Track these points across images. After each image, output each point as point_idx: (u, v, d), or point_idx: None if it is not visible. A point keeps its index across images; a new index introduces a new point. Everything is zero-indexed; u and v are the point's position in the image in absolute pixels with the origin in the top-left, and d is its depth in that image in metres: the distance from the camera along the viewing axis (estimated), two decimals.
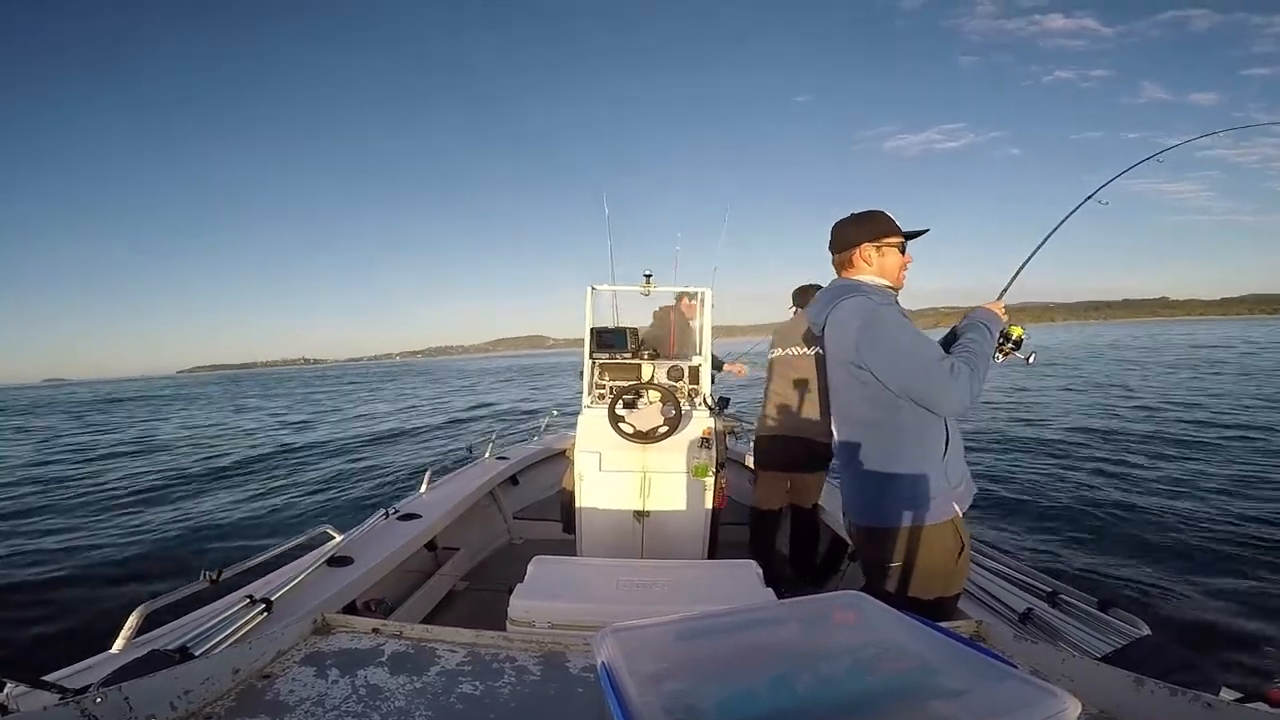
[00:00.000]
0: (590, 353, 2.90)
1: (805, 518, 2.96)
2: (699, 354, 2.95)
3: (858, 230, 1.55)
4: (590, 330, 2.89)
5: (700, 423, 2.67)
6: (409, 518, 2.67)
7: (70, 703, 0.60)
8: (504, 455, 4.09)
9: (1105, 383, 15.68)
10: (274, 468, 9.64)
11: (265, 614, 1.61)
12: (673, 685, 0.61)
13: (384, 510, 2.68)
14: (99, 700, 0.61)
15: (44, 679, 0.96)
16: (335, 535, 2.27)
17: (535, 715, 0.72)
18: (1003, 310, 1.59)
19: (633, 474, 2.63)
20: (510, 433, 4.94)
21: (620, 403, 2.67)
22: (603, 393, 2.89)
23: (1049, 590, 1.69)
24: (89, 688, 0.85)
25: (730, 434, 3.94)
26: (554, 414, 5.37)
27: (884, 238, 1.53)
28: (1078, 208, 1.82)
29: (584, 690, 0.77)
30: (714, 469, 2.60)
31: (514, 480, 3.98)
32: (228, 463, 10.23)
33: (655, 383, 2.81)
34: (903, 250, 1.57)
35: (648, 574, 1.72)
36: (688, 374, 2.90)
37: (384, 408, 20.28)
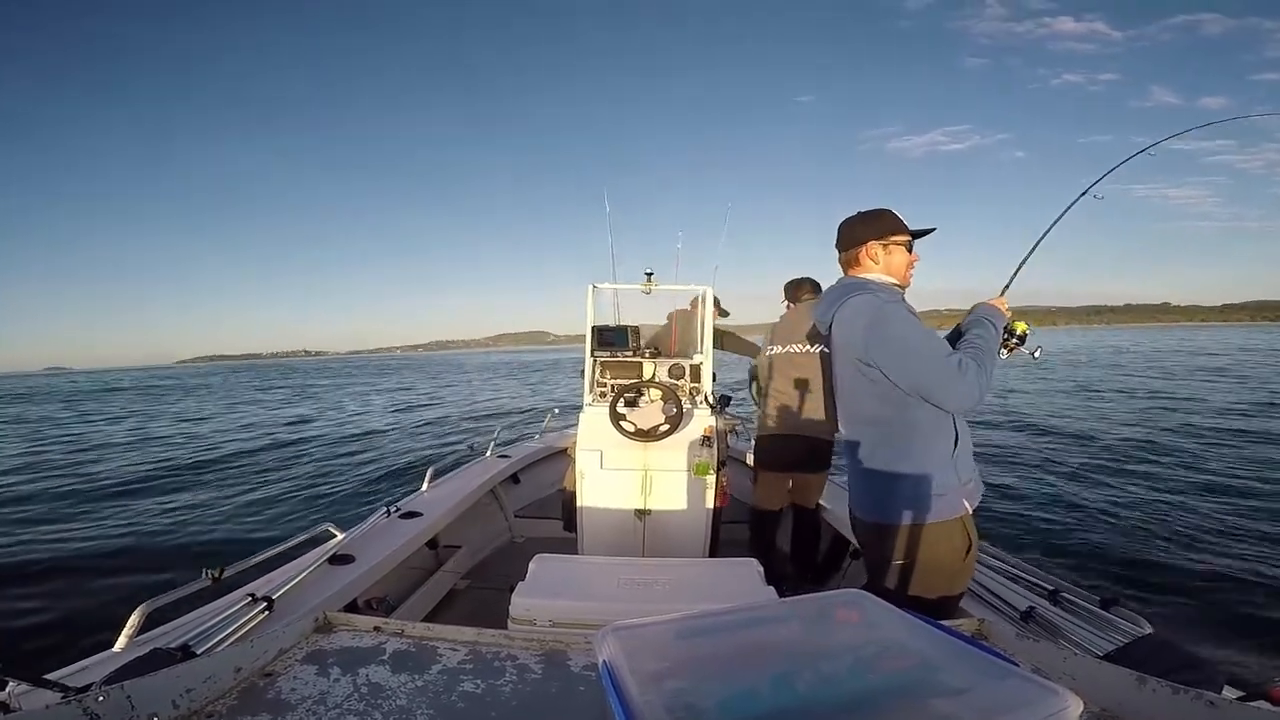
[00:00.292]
0: (591, 350, 2.89)
1: (807, 517, 2.95)
2: (700, 352, 2.94)
3: (865, 228, 1.55)
4: (592, 328, 2.88)
5: (701, 421, 2.67)
6: (410, 516, 2.67)
7: (72, 701, 0.60)
8: (505, 453, 4.09)
9: (1105, 383, 15.67)
10: (274, 464, 9.64)
11: (267, 612, 1.61)
12: (674, 684, 0.61)
13: (385, 508, 2.68)
14: (101, 699, 0.61)
15: (46, 677, 0.96)
16: (337, 533, 2.26)
17: (537, 714, 0.72)
18: (1006, 306, 1.60)
19: (634, 472, 2.63)
20: (512, 430, 4.94)
21: (621, 401, 2.67)
22: (604, 391, 2.89)
23: (1051, 588, 1.69)
24: (91, 686, 0.85)
25: (731, 432, 3.94)
26: (555, 412, 5.37)
27: (891, 236, 1.53)
28: (1074, 202, 1.86)
29: (585, 689, 0.77)
30: (715, 467, 2.60)
31: (515, 478, 3.98)
32: (227, 460, 10.24)
33: (656, 381, 2.81)
34: (909, 249, 1.57)
35: (649, 572, 1.72)
36: (689, 372, 2.90)
37: (380, 401, 20.26)
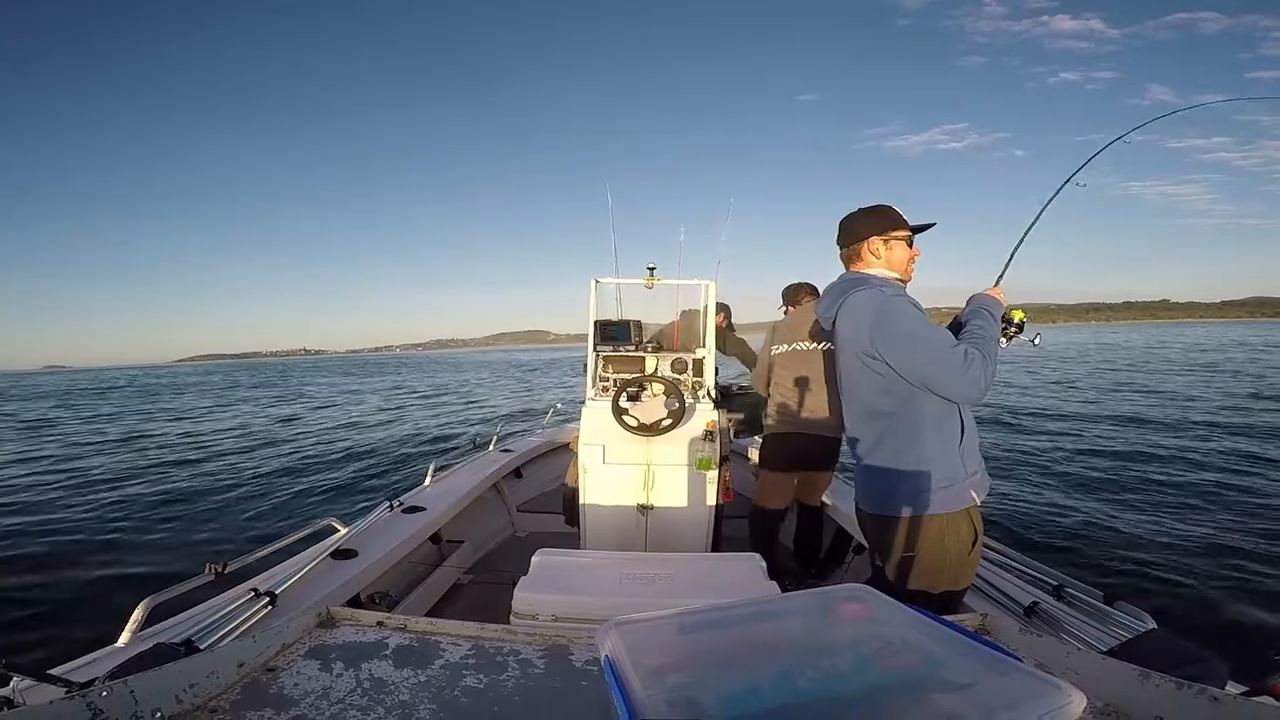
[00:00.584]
0: (594, 345, 2.89)
1: (811, 513, 2.94)
2: (703, 347, 2.94)
3: (865, 224, 1.56)
4: (594, 323, 2.88)
5: (704, 416, 2.66)
6: (413, 510, 2.67)
7: (76, 696, 0.60)
8: (508, 448, 4.09)
9: (1104, 377, 15.62)
10: (274, 462, 9.66)
11: (270, 607, 1.62)
12: (676, 679, 0.61)
13: (388, 503, 2.68)
14: (105, 694, 0.61)
15: (49, 672, 0.96)
16: (339, 528, 2.27)
17: (539, 708, 0.72)
18: (1001, 295, 1.62)
19: (636, 467, 2.63)
20: (514, 425, 4.95)
21: (624, 395, 2.67)
22: (606, 385, 2.89)
23: (1054, 583, 1.68)
24: (95, 681, 0.85)
25: (734, 427, 3.93)
26: (557, 406, 5.37)
27: (891, 231, 1.55)
28: (1058, 191, 1.91)
29: (588, 683, 0.77)
30: (717, 462, 2.60)
31: (518, 473, 3.98)
32: (228, 456, 10.27)
33: (659, 376, 2.81)
34: (910, 243, 1.58)
35: (651, 567, 1.72)
36: (691, 366, 2.89)
37: (375, 400, 20.30)
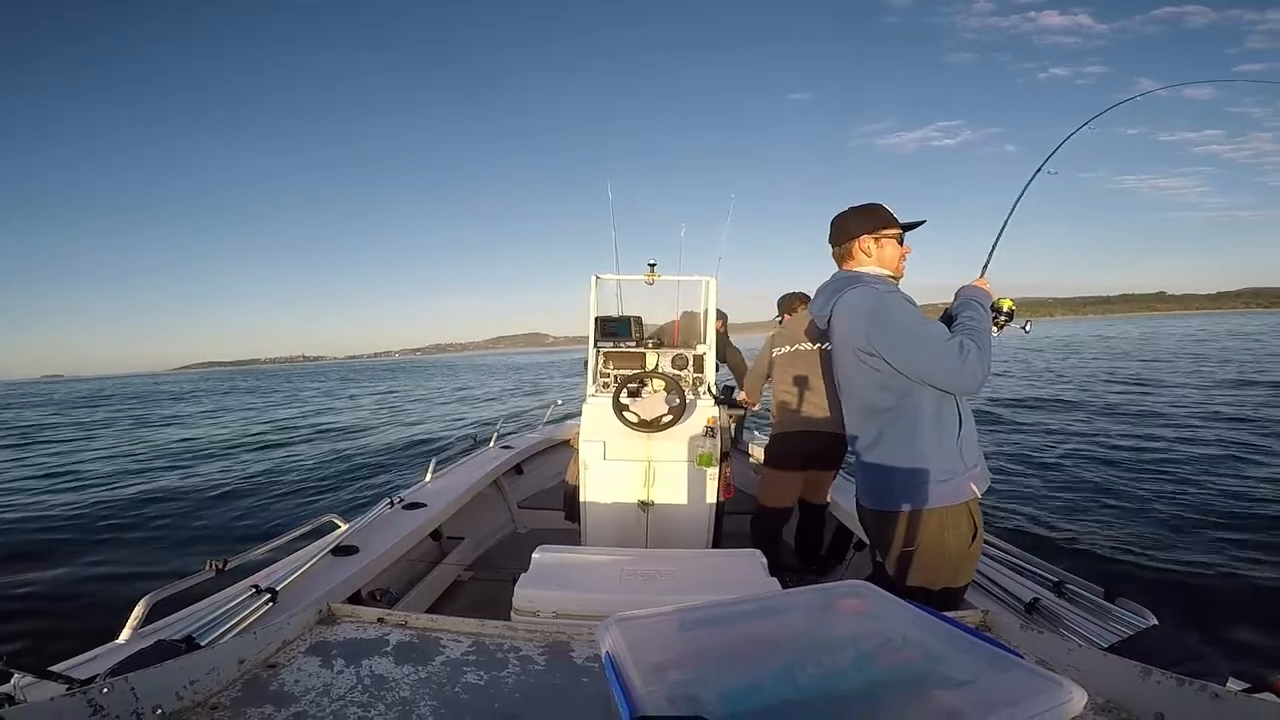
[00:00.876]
0: (594, 342, 2.89)
1: (814, 510, 2.94)
2: (703, 343, 2.93)
3: (856, 223, 1.58)
4: (595, 319, 2.87)
5: (704, 412, 2.66)
6: (414, 507, 2.68)
7: (77, 693, 0.61)
8: (508, 444, 4.09)
9: (1102, 368, 15.60)
10: (273, 462, 9.68)
11: (270, 604, 1.62)
12: (677, 675, 0.61)
13: (389, 499, 2.68)
14: (106, 690, 0.61)
15: (51, 669, 0.96)
16: (340, 524, 2.27)
17: (539, 705, 0.72)
18: (988, 285, 1.64)
19: (637, 463, 2.63)
20: (514, 422, 4.94)
21: (625, 391, 2.67)
22: (607, 381, 2.88)
23: (1055, 579, 1.68)
24: (96, 678, 0.85)
25: (735, 424, 3.93)
26: (558, 403, 5.37)
27: (882, 229, 1.57)
28: (1031, 179, 1.99)
29: (588, 680, 0.77)
30: (718, 459, 2.59)
31: (518, 469, 3.99)
32: (227, 456, 10.29)
33: (659, 371, 2.81)
34: (901, 241, 1.60)
35: (652, 564, 1.72)
36: (692, 362, 2.89)
37: (369, 402, 20.30)
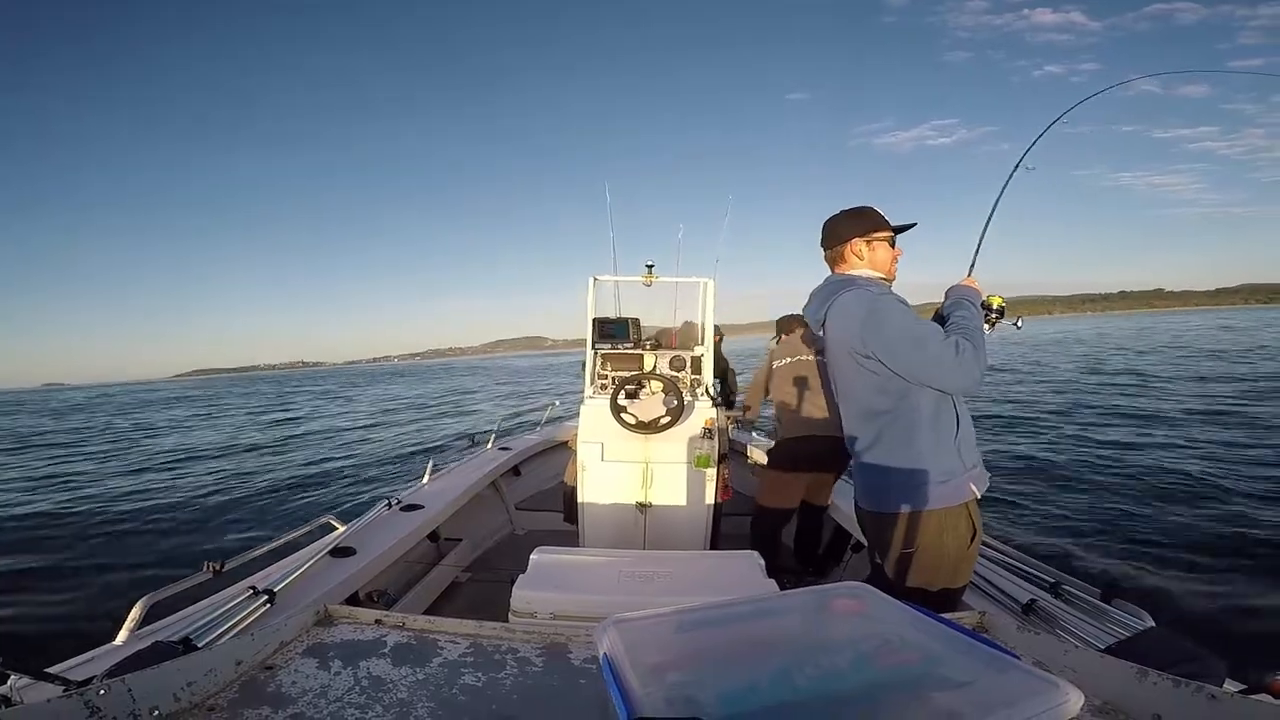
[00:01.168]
0: (592, 343, 2.89)
1: (814, 512, 2.95)
2: (701, 345, 2.94)
3: (848, 226, 1.59)
4: (592, 321, 2.87)
5: (702, 413, 2.66)
6: (411, 508, 2.67)
7: (74, 695, 0.60)
8: (506, 445, 4.09)
9: (1100, 365, 15.62)
10: (272, 463, 9.67)
11: (268, 605, 1.61)
12: (675, 676, 0.61)
13: (386, 501, 2.68)
14: (102, 692, 0.61)
15: (47, 671, 0.96)
16: (338, 526, 2.27)
17: (537, 706, 0.72)
18: (976, 284, 1.65)
19: (635, 465, 2.63)
20: (512, 423, 4.94)
21: (622, 393, 2.67)
22: (605, 383, 2.88)
23: (1052, 581, 1.69)
24: (92, 679, 0.85)
25: (733, 425, 3.94)
26: (556, 404, 5.37)
27: (874, 233, 1.57)
28: (1011, 175, 1.97)
29: (586, 681, 0.77)
30: (716, 460, 2.60)
31: (516, 471, 3.98)
32: (226, 458, 10.27)
33: (657, 373, 2.81)
34: (892, 244, 1.61)
35: (650, 565, 1.72)
36: (690, 364, 2.89)
37: (366, 407, 20.23)
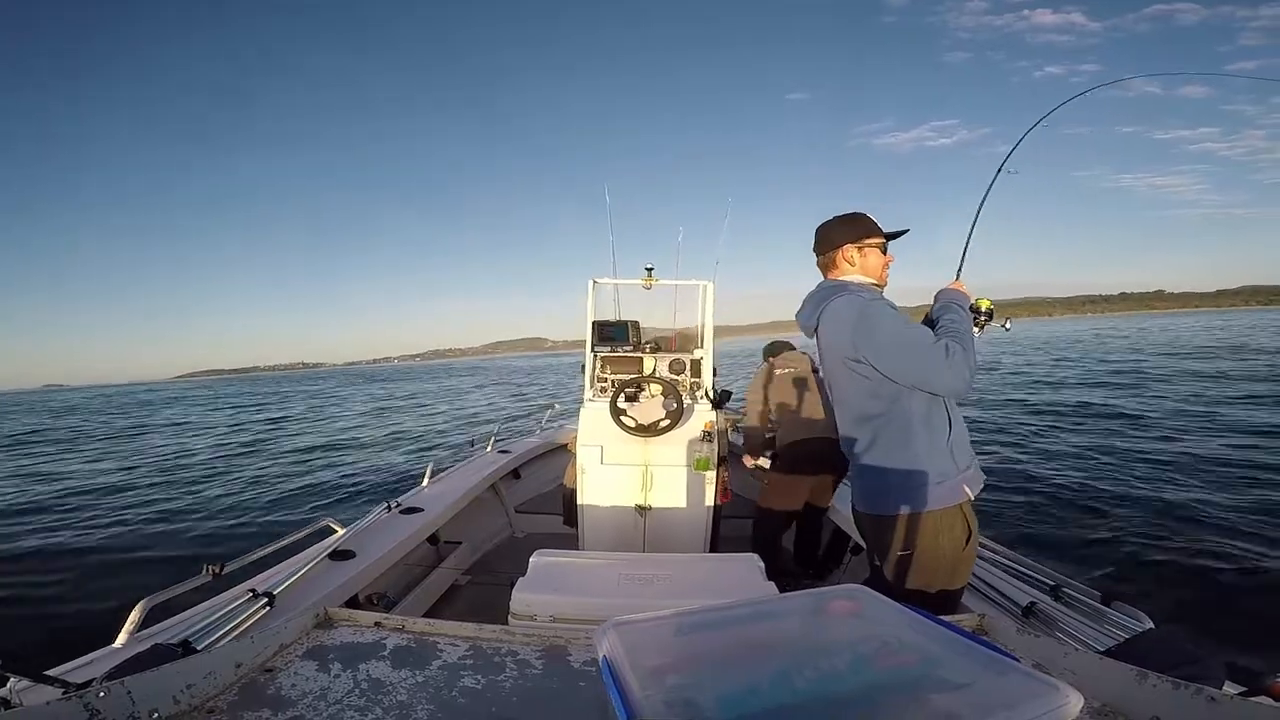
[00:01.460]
0: (592, 346, 2.89)
1: (814, 514, 2.94)
2: (701, 347, 2.94)
3: (840, 232, 1.60)
4: (592, 323, 2.88)
5: (702, 416, 2.67)
6: (411, 511, 2.67)
7: (73, 697, 0.60)
8: (506, 448, 4.08)
9: (1100, 369, 15.64)
10: (271, 465, 9.65)
11: (267, 608, 1.61)
12: (674, 679, 0.61)
13: (386, 504, 2.68)
14: (102, 694, 0.61)
15: (47, 673, 0.96)
16: (337, 529, 2.27)
17: (537, 709, 0.72)
18: (964, 287, 1.66)
19: (634, 468, 2.63)
20: (512, 426, 4.94)
21: (622, 396, 2.67)
22: (604, 386, 2.89)
23: (1051, 583, 1.69)
24: (92, 682, 0.85)
25: (732, 428, 3.94)
26: (555, 407, 5.37)
27: (866, 239, 1.59)
28: (994, 179, 2.00)
29: (585, 684, 0.77)
30: (715, 463, 2.60)
31: (516, 474, 3.98)
32: (225, 459, 10.26)
33: (657, 376, 2.81)
34: (884, 250, 1.62)
35: (649, 568, 1.72)
36: (689, 367, 2.89)
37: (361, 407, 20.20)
